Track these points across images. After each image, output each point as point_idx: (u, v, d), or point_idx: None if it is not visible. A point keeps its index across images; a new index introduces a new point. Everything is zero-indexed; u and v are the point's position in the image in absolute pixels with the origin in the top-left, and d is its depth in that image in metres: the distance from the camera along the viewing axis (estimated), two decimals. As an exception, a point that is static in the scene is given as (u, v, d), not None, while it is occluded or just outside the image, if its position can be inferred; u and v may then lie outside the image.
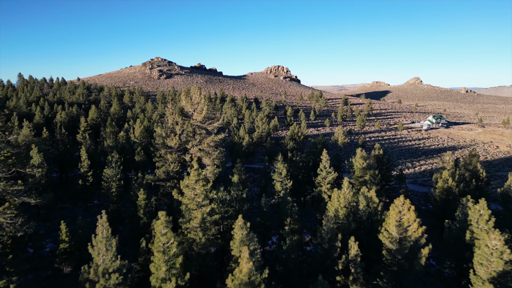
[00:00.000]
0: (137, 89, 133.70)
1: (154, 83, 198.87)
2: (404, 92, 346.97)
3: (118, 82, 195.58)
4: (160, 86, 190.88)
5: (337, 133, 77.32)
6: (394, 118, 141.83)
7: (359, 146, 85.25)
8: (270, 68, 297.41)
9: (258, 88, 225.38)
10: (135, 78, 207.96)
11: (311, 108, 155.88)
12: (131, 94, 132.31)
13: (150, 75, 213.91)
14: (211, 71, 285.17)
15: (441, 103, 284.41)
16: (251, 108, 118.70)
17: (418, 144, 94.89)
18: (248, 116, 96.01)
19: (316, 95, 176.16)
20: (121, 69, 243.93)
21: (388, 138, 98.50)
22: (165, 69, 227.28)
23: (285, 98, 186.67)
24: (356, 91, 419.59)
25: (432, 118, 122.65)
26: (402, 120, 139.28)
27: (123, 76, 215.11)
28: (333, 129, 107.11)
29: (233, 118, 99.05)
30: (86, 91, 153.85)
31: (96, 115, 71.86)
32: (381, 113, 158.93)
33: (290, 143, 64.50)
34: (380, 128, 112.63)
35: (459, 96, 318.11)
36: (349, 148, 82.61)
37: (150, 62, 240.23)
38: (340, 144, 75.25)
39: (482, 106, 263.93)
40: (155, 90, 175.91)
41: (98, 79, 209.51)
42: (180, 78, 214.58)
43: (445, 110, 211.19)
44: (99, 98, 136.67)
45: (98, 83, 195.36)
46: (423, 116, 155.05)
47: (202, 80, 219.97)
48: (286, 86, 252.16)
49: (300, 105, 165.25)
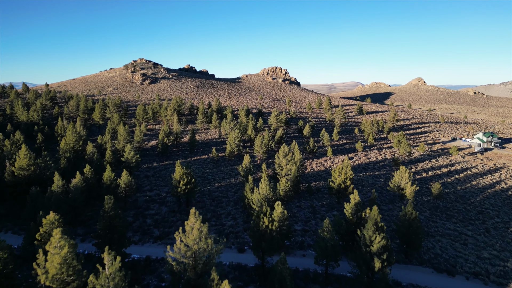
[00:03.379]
0: (111, 102, 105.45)
1: (136, 89, 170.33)
2: (408, 94, 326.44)
3: (94, 88, 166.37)
4: (144, 93, 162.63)
5: (400, 176, 51.61)
6: (428, 133, 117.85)
7: (429, 194, 60.17)
8: (267, 70, 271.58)
9: (256, 93, 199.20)
10: (114, 83, 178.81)
11: (324, 119, 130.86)
12: (104, 109, 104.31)
13: (132, 80, 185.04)
14: (202, 73, 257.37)
15: (451, 107, 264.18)
16: (258, 126, 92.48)
17: (496, 182, 70.68)
18: (259, 143, 69.82)
19: (326, 102, 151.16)
20: (100, 72, 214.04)
21: (451, 172, 73.12)
22: (149, 72, 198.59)
23: (290, 105, 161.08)
24: (355, 92, 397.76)
25: (482, 136, 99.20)
26: (437, 135, 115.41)
27: (100, 80, 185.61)
28: (368, 155, 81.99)
29: (238, 145, 72.76)
30: (49, 103, 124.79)
31: (27, 162, 44.31)
32: (405, 124, 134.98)
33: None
34: (426, 152, 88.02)
35: (468, 98, 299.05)
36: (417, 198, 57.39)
37: (133, 64, 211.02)
38: (408, 196, 49.74)
39: (497, 109, 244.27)
40: (136, 98, 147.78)
41: (71, 84, 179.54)
42: (167, 83, 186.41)
43: (465, 116, 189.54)
44: (65, 112, 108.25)
45: (69, 89, 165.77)
46: (456, 128, 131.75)
47: (192, 84, 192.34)
48: (286, 90, 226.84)
49: (311, 116, 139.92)
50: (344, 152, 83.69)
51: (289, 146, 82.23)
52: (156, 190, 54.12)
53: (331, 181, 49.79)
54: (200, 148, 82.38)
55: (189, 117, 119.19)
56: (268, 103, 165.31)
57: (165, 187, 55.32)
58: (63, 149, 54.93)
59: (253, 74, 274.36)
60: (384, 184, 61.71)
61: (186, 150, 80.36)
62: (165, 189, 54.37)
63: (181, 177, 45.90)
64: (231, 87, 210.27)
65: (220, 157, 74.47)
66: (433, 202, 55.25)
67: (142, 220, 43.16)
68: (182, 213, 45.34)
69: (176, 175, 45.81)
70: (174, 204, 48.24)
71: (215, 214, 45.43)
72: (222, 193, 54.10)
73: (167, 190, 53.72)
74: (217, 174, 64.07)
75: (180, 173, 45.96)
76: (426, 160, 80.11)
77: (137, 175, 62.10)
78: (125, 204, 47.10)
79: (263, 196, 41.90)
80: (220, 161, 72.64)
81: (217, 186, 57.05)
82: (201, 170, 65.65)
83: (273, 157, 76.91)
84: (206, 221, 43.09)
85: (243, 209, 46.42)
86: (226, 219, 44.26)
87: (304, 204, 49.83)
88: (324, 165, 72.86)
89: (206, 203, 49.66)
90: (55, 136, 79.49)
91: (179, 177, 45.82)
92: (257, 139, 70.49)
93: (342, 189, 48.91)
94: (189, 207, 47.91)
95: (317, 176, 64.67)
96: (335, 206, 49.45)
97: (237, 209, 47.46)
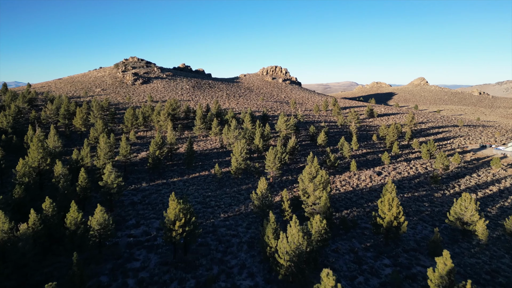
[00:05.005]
0: (96, 106, 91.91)
1: (127, 90, 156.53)
2: (411, 95, 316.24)
3: (80, 89, 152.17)
4: (135, 94, 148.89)
5: (463, 207, 39.21)
6: (451, 139, 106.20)
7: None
8: (266, 69, 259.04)
9: (257, 94, 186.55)
10: (103, 84, 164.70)
11: (334, 123, 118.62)
12: (87, 113, 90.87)
13: (123, 80, 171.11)
14: (198, 73, 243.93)
15: (458, 108, 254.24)
16: (265, 134, 79.78)
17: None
18: (272, 157, 57.05)
19: (332, 104, 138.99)
20: (88, 72, 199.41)
21: (503, 192, 60.69)
22: (141, 72, 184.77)
23: (295, 107, 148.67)
24: (356, 92, 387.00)
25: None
26: (462, 141, 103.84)
27: (88, 80, 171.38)
28: (398, 168, 69.84)
29: (245, 158, 60.02)
30: (27, 106, 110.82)
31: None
32: (422, 129, 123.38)
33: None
34: (462, 164, 76.01)
35: (474, 98, 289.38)
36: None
37: (124, 63, 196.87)
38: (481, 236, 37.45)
39: (506, 111, 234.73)
40: (127, 100, 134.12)
41: (56, 84, 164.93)
42: (160, 83, 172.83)
43: (478, 118, 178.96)
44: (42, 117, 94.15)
45: (54, 90, 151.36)
46: (478, 133, 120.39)
47: (188, 85, 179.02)
48: (288, 90, 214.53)
49: (319, 119, 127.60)
50: (368, 165, 71.45)
51: (304, 159, 70.01)
52: (143, 226, 41.21)
53: (378, 216, 37.37)
54: (199, 162, 69.51)
55: (185, 122, 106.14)
56: (271, 105, 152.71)
57: (156, 220, 42.49)
58: (20, 172, 41.59)
59: (251, 73, 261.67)
60: (432, 211, 49.49)
61: (182, 164, 67.40)
62: (156, 224, 41.55)
63: (176, 216, 33.10)
64: (230, 87, 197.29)
65: (223, 174, 61.73)
66: (508, 241, 42.68)
67: (121, 280, 30.29)
68: (178, 266, 32.54)
69: (170, 212, 33.04)
70: (168, 251, 35.41)
71: (224, 268, 32.69)
72: (231, 228, 41.42)
73: (157, 225, 40.92)
74: (221, 198, 51.33)
75: (176, 211, 33.16)
76: (467, 176, 68.06)
77: (121, 201, 49.20)
78: (99, 252, 34.19)
79: (293, 247, 29.37)
80: (224, 179, 59.90)
81: (223, 218, 44.31)
82: (201, 194, 52.81)
83: (286, 172, 64.35)
84: (212, 281, 30.42)
85: (262, 259, 33.79)
86: (239, 277, 31.54)
87: (342, 247, 37.33)
88: (349, 183, 60.51)
89: (210, 246, 36.90)
90: (24, 148, 66.11)
91: (174, 216, 33.04)
92: (269, 153, 57.77)
93: (394, 228, 36.48)
94: (188, 255, 35.13)
95: (346, 200, 52.29)
96: (384, 250, 37.02)
97: (253, 257, 34.81)
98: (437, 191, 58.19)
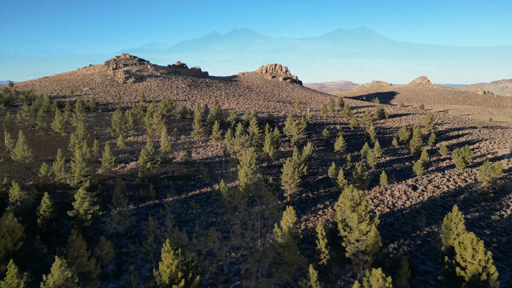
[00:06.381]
0: (78, 107, 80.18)
1: (118, 89, 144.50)
2: (414, 94, 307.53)
3: (66, 88, 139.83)
4: (126, 94, 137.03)
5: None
6: (476, 143, 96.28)
7: None
8: (266, 67, 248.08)
9: (257, 94, 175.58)
10: (92, 82, 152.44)
11: (346, 125, 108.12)
12: (70, 115, 79.16)
13: (114, 78, 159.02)
14: (194, 71, 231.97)
15: (464, 107, 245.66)
16: (275, 139, 68.76)
17: None
18: (290, 171, 46.12)
19: (346, 105, 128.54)
20: (77, 70, 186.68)
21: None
22: (134, 70, 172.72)
23: (301, 108, 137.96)
24: (356, 91, 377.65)
25: (558, 149, 78.01)
26: (489, 145, 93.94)
27: (76, 79, 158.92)
28: (433, 181, 59.37)
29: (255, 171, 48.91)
30: (3, 106, 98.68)
31: None
32: (440, 131, 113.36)
33: None
34: (502, 175, 65.80)
35: (479, 98, 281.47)
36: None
37: (115, 60, 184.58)
38: None
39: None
40: (117, 100, 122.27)
41: (41, 83, 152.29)
42: (154, 82, 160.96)
43: (491, 119, 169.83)
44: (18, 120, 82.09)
45: (37, 89, 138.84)
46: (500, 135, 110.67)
47: (184, 84, 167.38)
48: (289, 89, 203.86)
49: (327, 120, 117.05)
50: (398, 177, 60.84)
51: (322, 169, 59.32)
52: (127, 274, 30.07)
53: (458, 267, 26.65)
54: (199, 174, 58.33)
55: (180, 124, 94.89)
56: (274, 105, 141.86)
57: (145, 264, 31.45)
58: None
59: (250, 72, 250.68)
60: (499, 242, 38.90)
61: (179, 178, 56.17)
62: (145, 270, 30.49)
63: (173, 275, 22.04)
64: (228, 86, 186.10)
65: (229, 189, 50.64)
66: None
67: None
68: None
69: (164, 270, 21.94)
70: (160, 323, 24.33)
71: None
72: (247, 277, 30.43)
73: (147, 273, 29.86)
74: (230, 226, 40.31)
75: (172, 268, 22.00)
76: (516, 190, 57.81)
77: (101, 231, 37.96)
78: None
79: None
80: (231, 197, 48.81)
81: (234, 259, 33.30)
82: (204, 219, 41.72)
83: (305, 188, 53.47)
84: None
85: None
86: None
87: (407, 309, 26.56)
88: (383, 201, 49.88)
89: (221, 311, 25.96)
90: (-13, 159, 54.45)
91: (170, 276, 21.97)
92: (286, 166, 46.80)
93: (482, 282, 25.79)
94: (190, 330, 24.05)
95: (387, 227, 41.50)
96: (467, 313, 26.35)
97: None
98: (491, 211, 47.76)
